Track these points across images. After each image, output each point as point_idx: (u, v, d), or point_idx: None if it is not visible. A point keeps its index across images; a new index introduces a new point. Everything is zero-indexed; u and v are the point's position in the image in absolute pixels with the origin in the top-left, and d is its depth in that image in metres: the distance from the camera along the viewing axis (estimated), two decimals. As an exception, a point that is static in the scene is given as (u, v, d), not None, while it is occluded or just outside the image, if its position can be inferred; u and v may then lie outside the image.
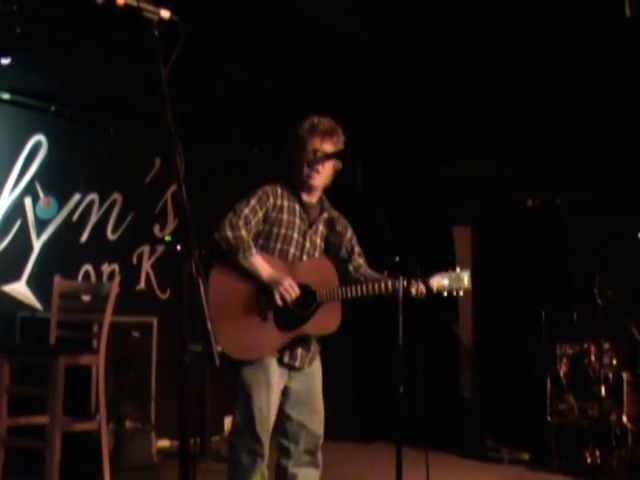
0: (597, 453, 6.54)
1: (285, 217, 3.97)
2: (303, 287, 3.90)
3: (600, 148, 7.40)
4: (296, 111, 4.08)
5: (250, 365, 3.86)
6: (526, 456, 7.02)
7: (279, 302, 3.83)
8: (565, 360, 6.98)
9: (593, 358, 6.81)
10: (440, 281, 4.05)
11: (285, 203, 4.00)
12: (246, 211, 3.87)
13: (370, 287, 3.94)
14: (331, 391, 4.53)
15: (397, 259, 4.00)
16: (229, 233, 3.79)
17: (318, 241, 4.09)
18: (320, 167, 3.98)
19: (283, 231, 3.95)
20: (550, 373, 6.97)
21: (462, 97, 7.66)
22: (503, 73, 7.19)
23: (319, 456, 4.12)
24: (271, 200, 3.96)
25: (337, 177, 4.12)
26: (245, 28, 6.87)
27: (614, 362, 6.82)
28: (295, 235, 3.99)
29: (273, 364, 3.91)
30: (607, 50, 6.60)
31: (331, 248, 4.13)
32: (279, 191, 4.00)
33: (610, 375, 6.75)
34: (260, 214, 3.92)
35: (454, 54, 7.07)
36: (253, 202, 3.91)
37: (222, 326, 3.70)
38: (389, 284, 3.90)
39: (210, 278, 3.78)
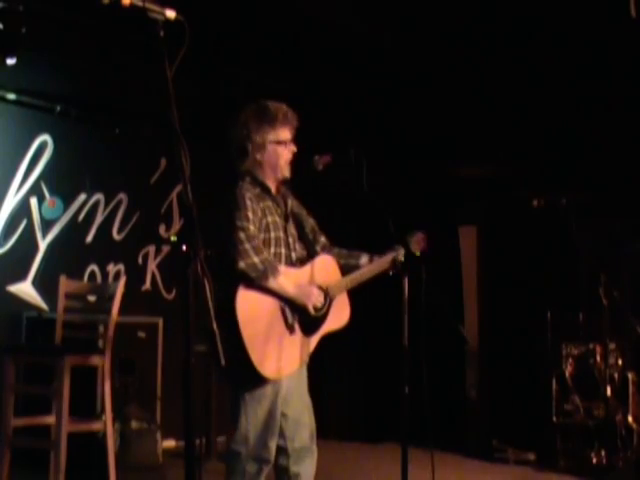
0: (603, 453, 6.54)
1: (270, 219, 3.85)
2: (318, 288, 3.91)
3: (606, 148, 7.39)
4: (301, 111, 4.07)
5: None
6: (532, 456, 7.01)
7: (312, 312, 3.81)
8: (571, 360, 6.96)
9: (599, 358, 6.80)
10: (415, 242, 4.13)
11: (263, 203, 3.85)
12: (252, 228, 3.71)
13: (370, 268, 3.95)
14: (337, 392, 4.54)
15: (402, 258, 4.02)
16: (255, 259, 3.63)
17: (294, 232, 4.02)
18: (288, 151, 3.87)
19: (273, 234, 3.85)
20: (555, 373, 6.95)
21: (467, 97, 7.65)
22: (509, 73, 7.18)
23: (314, 446, 4.02)
24: (255, 205, 3.79)
25: (337, 174, 4.09)
26: (250, 29, 6.87)
27: (620, 362, 6.81)
28: (281, 234, 3.89)
29: None
30: (612, 51, 6.59)
31: (301, 233, 4.05)
32: (256, 191, 3.85)
33: (616, 375, 6.74)
34: (257, 225, 3.79)
35: (459, 54, 7.06)
36: (251, 216, 3.73)
37: (262, 354, 3.63)
38: (385, 260, 3.93)
39: (238, 305, 3.60)
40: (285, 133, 3.88)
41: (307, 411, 4.03)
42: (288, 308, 3.78)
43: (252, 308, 3.65)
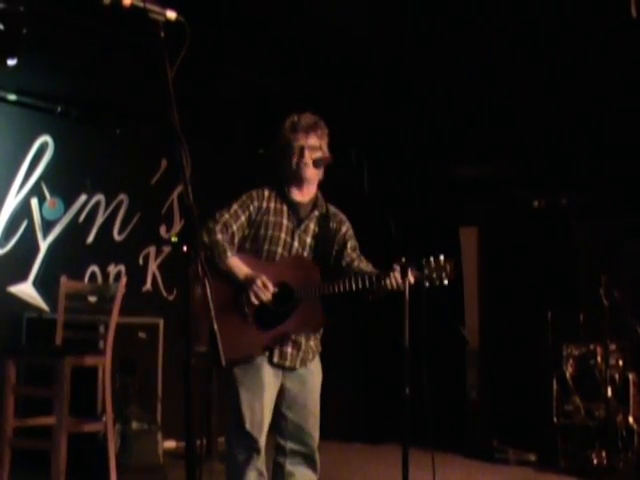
0: (603, 454, 6.53)
1: (271, 219, 3.98)
2: (281, 285, 3.90)
3: (606, 148, 7.39)
4: (302, 112, 4.07)
5: (240, 365, 3.87)
6: (532, 457, 7.01)
7: (254, 300, 3.84)
8: (571, 361, 6.96)
9: (599, 359, 6.79)
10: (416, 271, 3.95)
11: (272, 205, 4.01)
12: (226, 216, 3.93)
13: (349, 283, 3.88)
14: (338, 392, 4.54)
15: (403, 260, 4.01)
16: (205, 239, 3.83)
17: (308, 240, 4.05)
18: (307, 160, 3.97)
19: (270, 232, 3.96)
20: (556, 374, 6.95)
21: (468, 98, 7.65)
22: (510, 74, 7.18)
23: (317, 458, 4.06)
24: (255, 203, 3.99)
25: (338, 175, 4.11)
26: (251, 29, 6.87)
27: (620, 363, 6.81)
28: (282, 235, 3.98)
29: (265, 363, 3.91)
30: (613, 51, 6.59)
31: (320, 244, 4.08)
32: (266, 194, 4.03)
33: (616, 376, 6.74)
34: (243, 218, 3.96)
35: (461, 54, 7.06)
36: (235, 207, 3.97)
37: (220, 331, 3.68)
38: (367, 278, 3.86)
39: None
40: (298, 141, 3.99)
41: (312, 420, 4.05)
42: (241, 295, 3.86)
43: (217, 290, 3.72)
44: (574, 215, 7.48)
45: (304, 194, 4.08)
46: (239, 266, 3.88)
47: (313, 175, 4.03)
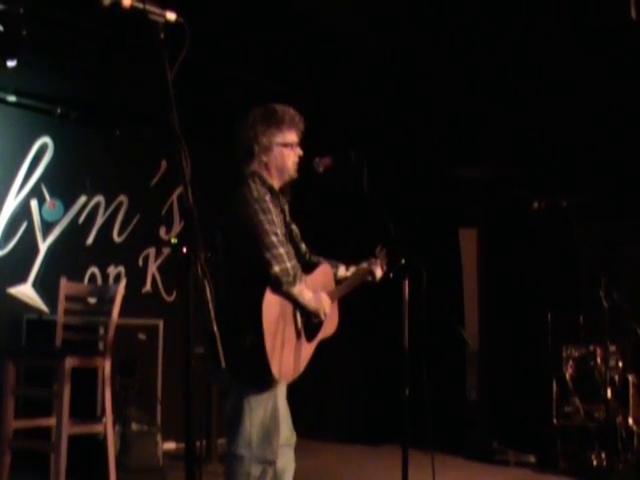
0: (603, 456, 6.53)
1: (281, 218, 3.87)
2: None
3: (606, 150, 7.39)
4: (302, 113, 4.07)
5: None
6: (532, 458, 7.01)
7: (323, 318, 3.86)
8: (571, 362, 6.96)
9: (599, 360, 6.80)
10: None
11: (274, 202, 3.86)
12: (280, 232, 3.71)
13: (354, 279, 4.01)
14: (338, 394, 4.53)
15: (402, 261, 4.01)
16: (288, 264, 3.63)
17: (297, 231, 4.07)
18: (295, 154, 3.90)
19: (283, 231, 3.85)
20: (556, 375, 6.95)
21: (469, 98, 7.65)
22: (510, 75, 7.18)
23: (293, 439, 3.99)
24: (275, 208, 3.78)
25: (338, 175, 4.09)
26: (250, 30, 6.87)
27: (620, 364, 6.81)
28: (285, 231, 3.95)
29: None
30: (612, 52, 6.59)
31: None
32: (263, 192, 3.80)
33: (616, 377, 6.75)
34: (282, 228, 3.79)
35: (461, 55, 7.06)
36: (276, 219, 3.72)
37: (279, 355, 3.63)
38: (366, 269, 4.00)
39: (265, 308, 3.59)
40: (292, 136, 3.90)
41: (288, 411, 4.04)
42: (299, 313, 3.80)
43: (274, 312, 3.65)
44: (574, 216, 7.48)
45: (279, 183, 3.96)
46: (304, 291, 3.76)
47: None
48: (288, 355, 3.70)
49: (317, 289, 3.86)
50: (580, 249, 7.62)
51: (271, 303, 3.63)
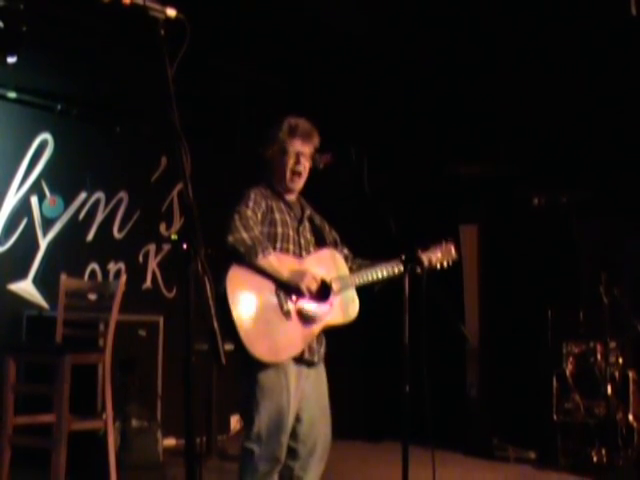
0: (603, 452, 6.54)
1: (278, 216, 3.96)
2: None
3: (606, 146, 7.38)
4: (302, 110, 4.07)
5: (270, 368, 3.77)
6: (532, 455, 7.01)
7: (306, 293, 3.81)
8: (571, 359, 6.96)
9: (599, 357, 6.79)
10: (432, 256, 4.22)
11: (274, 203, 3.99)
12: (249, 213, 3.83)
13: (379, 272, 4.01)
14: (339, 390, 4.52)
15: (403, 258, 4.01)
16: (244, 235, 3.73)
17: (309, 236, 4.10)
18: (302, 168, 4.01)
19: (280, 230, 3.94)
20: (556, 372, 6.95)
21: (469, 96, 7.65)
22: (510, 72, 7.19)
23: (325, 455, 4.08)
24: (264, 201, 3.94)
25: (338, 173, 4.12)
26: (250, 28, 6.87)
27: (620, 361, 6.81)
28: (291, 233, 3.98)
29: (291, 366, 3.85)
30: (612, 49, 6.59)
31: (318, 241, 4.14)
32: (264, 192, 3.99)
33: (616, 374, 6.74)
34: (259, 215, 3.89)
35: (461, 53, 7.06)
36: (251, 204, 3.87)
37: (252, 332, 3.65)
38: (396, 266, 4.00)
39: (228, 282, 3.67)
40: (294, 145, 4.00)
41: (324, 418, 4.08)
42: (283, 293, 3.80)
43: (242, 287, 3.71)
44: (574, 213, 7.47)
45: (291, 196, 4.12)
46: (277, 264, 3.79)
47: (301, 185, 4.09)
48: (265, 332, 3.71)
49: (299, 268, 3.87)
50: (580, 245, 7.61)
51: (237, 277, 3.71)
